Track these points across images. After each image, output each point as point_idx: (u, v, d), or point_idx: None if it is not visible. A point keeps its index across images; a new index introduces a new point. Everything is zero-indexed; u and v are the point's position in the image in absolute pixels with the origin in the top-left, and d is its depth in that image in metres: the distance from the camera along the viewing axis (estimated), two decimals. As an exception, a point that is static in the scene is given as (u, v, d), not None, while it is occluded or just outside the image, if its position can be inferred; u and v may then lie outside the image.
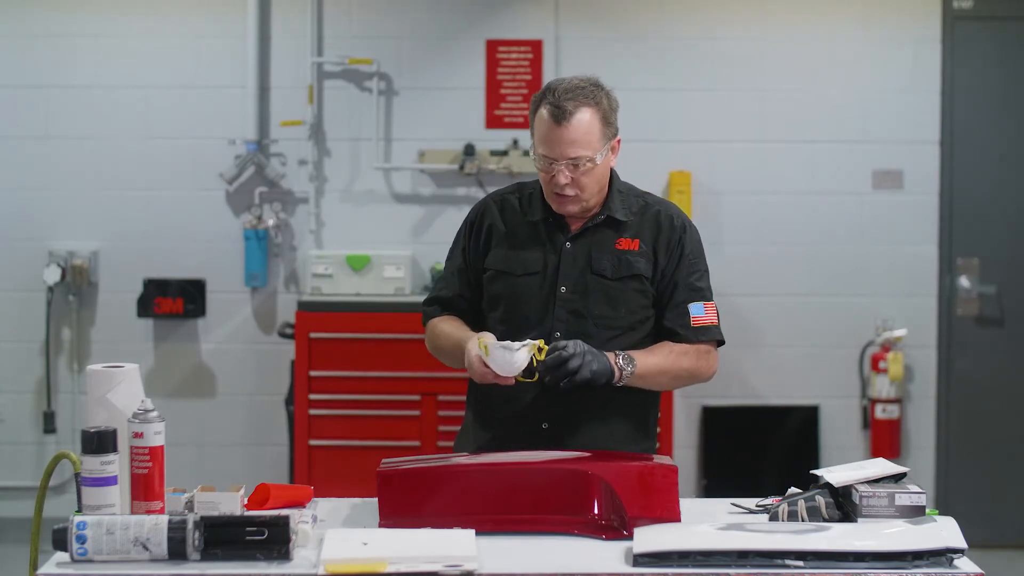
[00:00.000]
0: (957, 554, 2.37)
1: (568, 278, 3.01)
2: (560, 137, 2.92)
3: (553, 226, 3.06)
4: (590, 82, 3.00)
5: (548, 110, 2.93)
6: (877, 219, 6.02)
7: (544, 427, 2.99)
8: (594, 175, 2.97)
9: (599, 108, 2.96)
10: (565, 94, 2.93)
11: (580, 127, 2.92)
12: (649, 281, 3.03)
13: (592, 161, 2.94)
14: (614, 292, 3.00)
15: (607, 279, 3.01)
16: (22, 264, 5.95)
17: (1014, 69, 6.04)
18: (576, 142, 2.92)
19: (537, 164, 2.99)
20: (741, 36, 6.00)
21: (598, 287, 3.00)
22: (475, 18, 5.99)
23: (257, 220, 5.91)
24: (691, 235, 3.11)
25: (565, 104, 2.92)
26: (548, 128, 2.93)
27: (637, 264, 3.02)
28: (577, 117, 2.92)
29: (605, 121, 2.97)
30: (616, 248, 3.03)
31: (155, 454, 2.49)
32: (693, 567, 2.35)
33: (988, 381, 6.07)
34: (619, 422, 3.03)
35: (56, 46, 5.93)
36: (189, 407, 5.96)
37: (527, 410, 2.98)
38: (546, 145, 2.94)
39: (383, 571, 2.29)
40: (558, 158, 2.93)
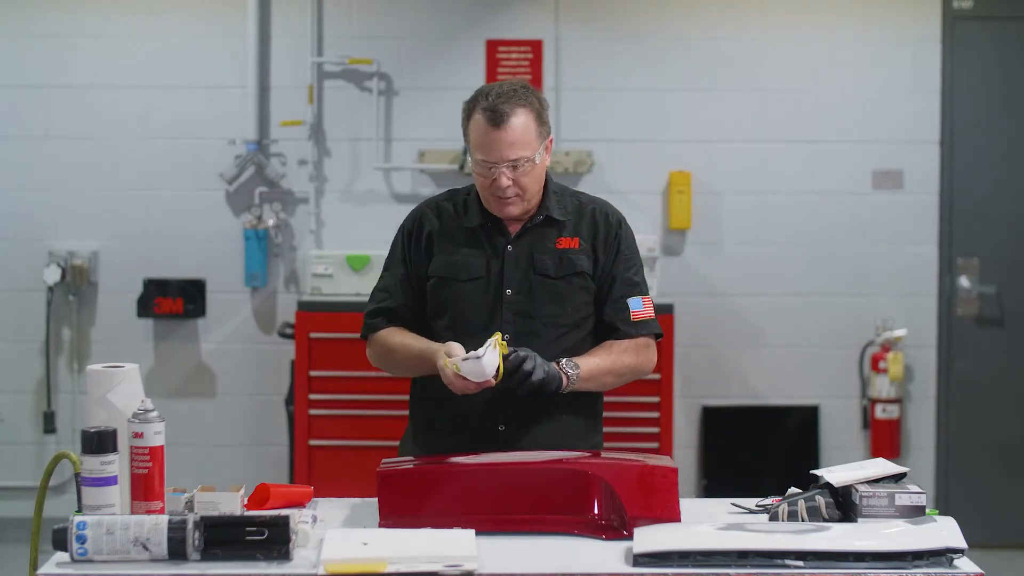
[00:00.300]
0: (957, 554, 2.37)
1: (512, 280, 3.05)
2: (499, 140, 2.96)
3: (492, 230, 3.09)
4: (520, 84, 3.04)
5: (484, 115, 2.97)
6: (877, 219, 6.02)
7: (501, 429, 3.01)
8: (534, 175, 3.02)
9: (533, 109, 3.01)
10: (499, 98, 2.97)
11: (518, 129, 2.96)
12: (591, 277, 3.09)
13: (531, 161, 2.99)
14: (559, 290, 3.05)
15: (551, 278, 3.06)
16: (22, 264, 5.95)
17: (1014, 69, 6.04)
18: (515, 144, 2.96)
19: (475, 170, 3.03)
20: (741, 36, 6.00)
21: (543, 287, 3.05)
22: (475, 18, 5.99)
23: (257, 220, 5.91)
24: (626, 231, 3.17)
25: (501, 107, 2.96)
26: (485, 132, 2.97)
27: (579, 261, 3.07)
28: (514, 119, 2.96)
29: (539, 120, 3.02)
30: (556, 248, 3.08)
31: (155, 454, 2.49)
32: (693, 567, 2.35)
33: (988, 381, 6.07)
34: (571, 419, 3.08)
35: (56, 46, 5.93)
36: (189, 407, 5.96)
37: (483, 412, 3.00)
38: (485, 150, 2.98)
39: (383, 571, 2.29)
40: (498, 161, 2.97)
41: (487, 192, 3.03)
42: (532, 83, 5.97)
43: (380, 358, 3.16)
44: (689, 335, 5.88)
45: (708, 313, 6.00)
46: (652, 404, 5.49)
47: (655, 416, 5.49)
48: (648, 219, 5.98)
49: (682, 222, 5.93)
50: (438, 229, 3.11)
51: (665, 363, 5.50)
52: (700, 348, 5.99)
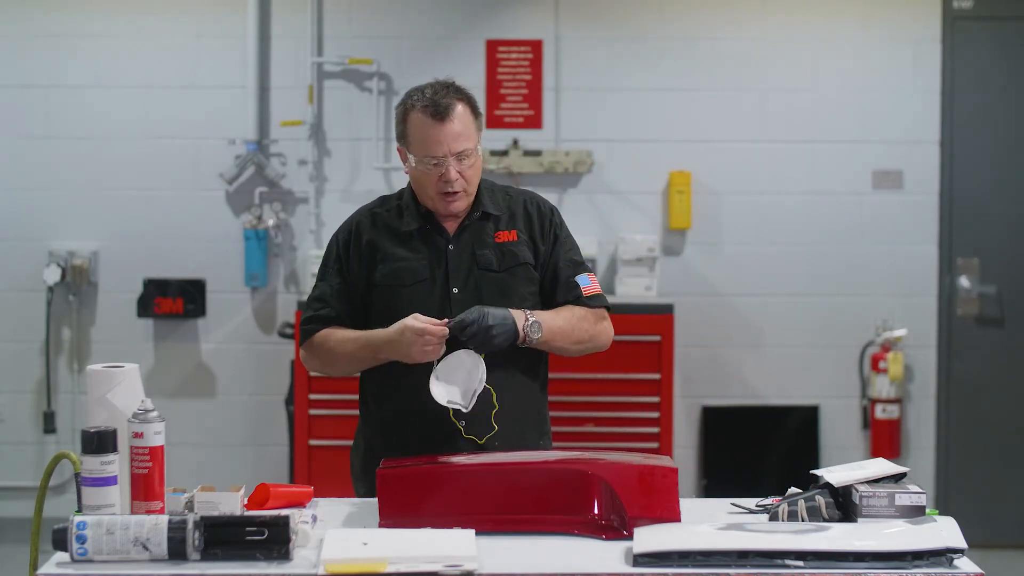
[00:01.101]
0: (957, 554, 2.37)
1: (458, 278, 3.07)
2: (445, 133, 2.99)
3: (431, 232, 3.10)
4: (449, 81, 3.09)
5: (426, 111, 3.00)
6: (877, 219, 6.02)
7: (462, 424, 3.01)
8: (476, 168, 3.06)
9: (468, 101, 3.06)
10: (436, 94, 3.02)
11: (460, 120, 3.01)
12: (533, 268, 3.12)
13: (475, 153, 3.04)
14: (504, 283, 3.07)
15: (495, 272, 3.08)
16: (22, 264, 5.95)
17: (1014, 69, 6.04)
18: (460, 135, 3.00)
19: (418, 169, 3.03)
20: (741, 36, 6.00)
21: (488, 281, 3.07)
22: (475, 18, 6.00)
23: (257, 220, 5.91)
24: (558, 216, 3.21)
25: (441, 100, 3.00)
26: (430, 128, 3.00)
27: (521, 253, 3.10)
28: (456, 110, 3.00)
29: (475, 113, 3.07)
30: (496, 242, 3.10)
31: (155, 454, 2.49)
32: (693, 567, 2.35)
33: (988, 381, 6.07)
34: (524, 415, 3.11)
35: (56, 46, 5.93)
36: (189, 407, 5.96)
37: (441, 411, 2.98)
38: (431, 145, 3.00)
39: (383, 571, 2.28)
40: (446, 154, 2.99)
41: (433, 190, 3.04)
42: (532, 83, 6.03)
43: (318, 357, 3.12)
44: (689, 335, 5.88)
45: (708, 313, 6.00)
46: (652, 404, 5.50)
47: (655, 416, 5.50)
48: (648, 219, 5.98)
49: (682, 222, 5.93)
50: (376, 237, 3.11)
51: (665, 363, 5.51)
52: (700, 348, 5.99)
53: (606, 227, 5.98)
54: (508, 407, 3.05)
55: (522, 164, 5.85)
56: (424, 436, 3.00)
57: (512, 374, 3.06)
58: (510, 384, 3.05)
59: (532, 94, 5.94)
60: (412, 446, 2.97)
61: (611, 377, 5.46)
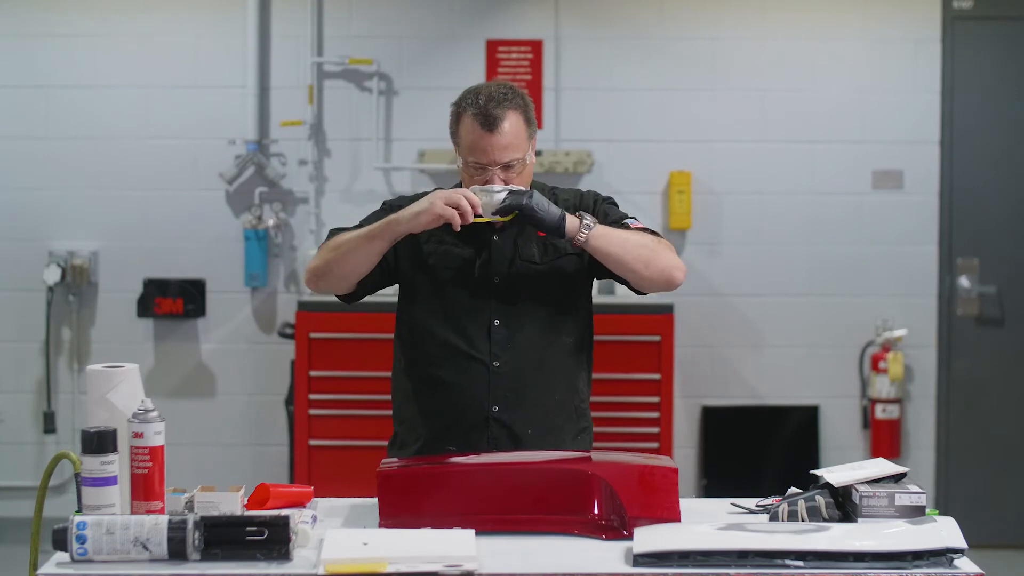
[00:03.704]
0: (957, 554, 2.37)
1: (499, 269, 3.08)
2: (492, 143, 3.00)
3: (478, 225, 3.08)
4: (507, 86, 3.08)
5: (476, 119, 3.00)
6: (877, 219, 6.02)
7: (495, 410, 3.04)
8: (524, 175, 3.07)
9: (521, 110, 3.05)
10: (490, 102, 3.01)
11: (510, 132, 3.01)
12: (579, 256, 3.09)
13: (523, 162, 3.04)
14: (544, 276, 3.08)
15: (536, 264, 3.09)
16: (22, 264, 5.95)
17: (1014, 69, 6.04)
18: (508, 146, 3.01)
19: (466, 171, 3.05)
20: (741, 36, 6.00)
21: (529, 273, 3.08)
22: (475, 18, 6.00)
23: (257, 220, 5.91)
24: (604, 199, 3.20)
25: (493, 111, 3.00)
26: (479, 136, 3.00)
27: (562, 245, 3.09)
28: (506, 123, 3.00)
29: (527, 121, 3.07)
30: (539, 236, 3.10)
31: (155, 454, 2.49)
32: (693, 567, 2.35)
33: (988, 381, 6.07)
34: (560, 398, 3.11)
35: (56, 46, 5.93)
36: (189, 407, 5.96)
37: (473, 398, 3.03)
38: (478, 153, 3.01)
39: (383, 571, 2.28)
40: (491, 164, 3.00)
41: None
42: (532, 83, 6.03)
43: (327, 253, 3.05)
44: (689, 335, 5.89)
45: (708, 313, 6.00)
46: (652, 404, 5.50)
47: (655, 416, 5.49)
48: (648, 219, 5.98)
49: (682, 222, 5.93)
50: None
51: (665, 363, 5.51)
52: (700, 348, 5.99)
53: (606, 227, 5.97)
54: (543, 396, 3.07)
55: (522, 164, 5.85)
56: (455, 421, 3.04)
57: (552, 361, 3.08)
58: (549, 371, 3.07)
59: (532, 94, 5.88)
60: (443, 429, 3.03)
61: (611, 377, 5.45)
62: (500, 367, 3.04)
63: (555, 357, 3.10)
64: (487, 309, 3.07)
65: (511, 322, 3.05)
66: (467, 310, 3.07)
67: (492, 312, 3.06)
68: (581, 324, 3.16)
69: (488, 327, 3.05)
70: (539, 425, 3.05)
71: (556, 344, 3.08)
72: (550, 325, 3.09)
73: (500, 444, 3.01)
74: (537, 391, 3.07)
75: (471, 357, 3.05)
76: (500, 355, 3.05)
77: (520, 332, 3.05)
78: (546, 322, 3.09)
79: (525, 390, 3.05)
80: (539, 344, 3.06)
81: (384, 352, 5.46)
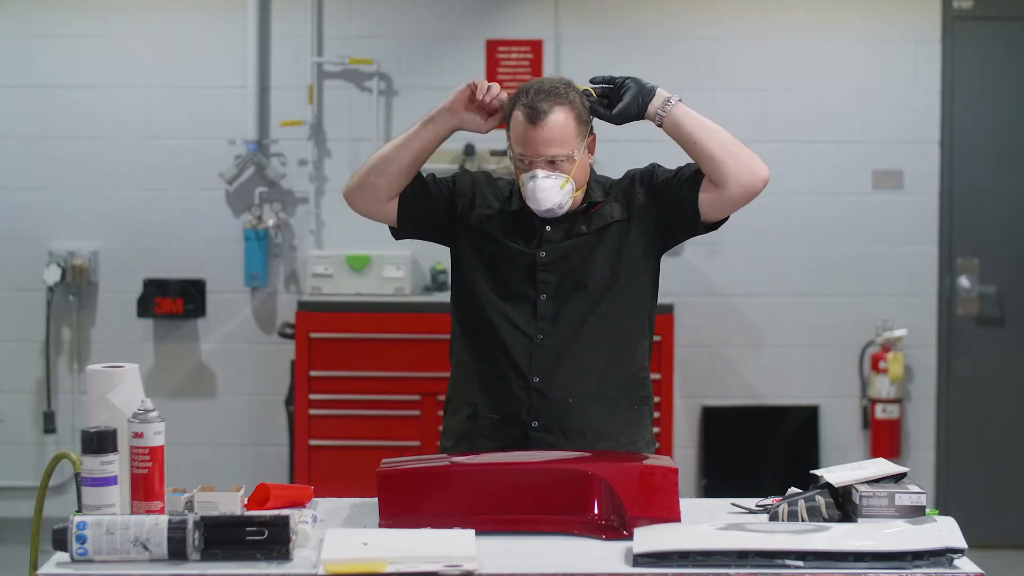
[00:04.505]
0: (957, 554, 2.37)
1: (549, 245, 3.09)
2: (536, 137, 2.99)
3: (531, 214, 3.10)
4: (563, 82, 3.08)
5: (523, 111, 3.01)
6: (877, 219, 6.02)
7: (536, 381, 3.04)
8: (578, 174, 3.05)
9: (573, 107, 3.04)
10: (538, 95, 3.01)
11: (555, 127, 3.00)
12: (628, 222, 3.10)
13: (569, 159, 3.02)
14: (591, 242, 3.08)
15: (585, 235, 3.09)
16: (22, 264, 5.95)
17: (1014, 69, 6.04)
18: (552, 141, 3.00)
19: (515, 163, 3.07)
20: (741, 36, 6.00)
21: (578, 244, 3.08)
22: (475, 18, 6.00)
23: (257, 220, 5.91)
24: (655, 166, 3.21)
25: (539, 105, 2.99)
26: (524, 129, 3.00)
27: (608, 212, 3.10)
28: (552, 117, 3.00)
29: (579, 119, 3.05)
30: (590, 212, 3.11)
31: (155, 454, 2.49)
32: (693, 567, 2.35)
33: (988, 381, 6.07)
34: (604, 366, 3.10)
35: (56, 46, 5.93)
36: (189, 407, 5.96)
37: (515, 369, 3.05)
38: (523, 145, 3.02)
39: (383, 571, 2.28)
40: (535, 157, 3.00)
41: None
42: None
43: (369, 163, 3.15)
44: (689, 335, 5.88)
45: (708, 313, 6.00)
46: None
47: (655, 416, 5.48)
48: (648, 219, 5.98)
49: (682, 222, 5.93)
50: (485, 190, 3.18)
51: (665, 363, 5.51)
52: (700, 348, 5.99)
53: (606, 227, 5.98)
54: (586, 366, 3.05)
55: (522, 164, 5.85)
56: (497, 390, 3.05)
57: (599, 332, 3.07)
58: (595, 342, 3.06)
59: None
60: (485, 398, 3.06)
61: (611, 377, 5.45)
62: (543, 339, 3.04)
63: (603, 325, 3.07)
64: (533, 283, 3.07)
65: (557, 296, 3.05)
66: (513, 283, 3.08)
67: (538, 287, 3.07)
68: (636, 292, 3.13)
69: (535, 302, 3.06)
70: (583, 392, 3.04)
71: (605, 312, 3.06)
72: (599, 295, 3.07)
73: (541, 416, 3.01)
74: (580, 360, 3.05)
75: (516, 329, 3.05)
76: (544, 328, 3.04)
77: (566, 305, 3.05)
78: (595, 292, 3.07)
79: (566, 360, 3.04)
80: (586, 314, 3.05)
81: (384, 352, 5.49)
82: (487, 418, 3.06)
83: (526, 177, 3.02)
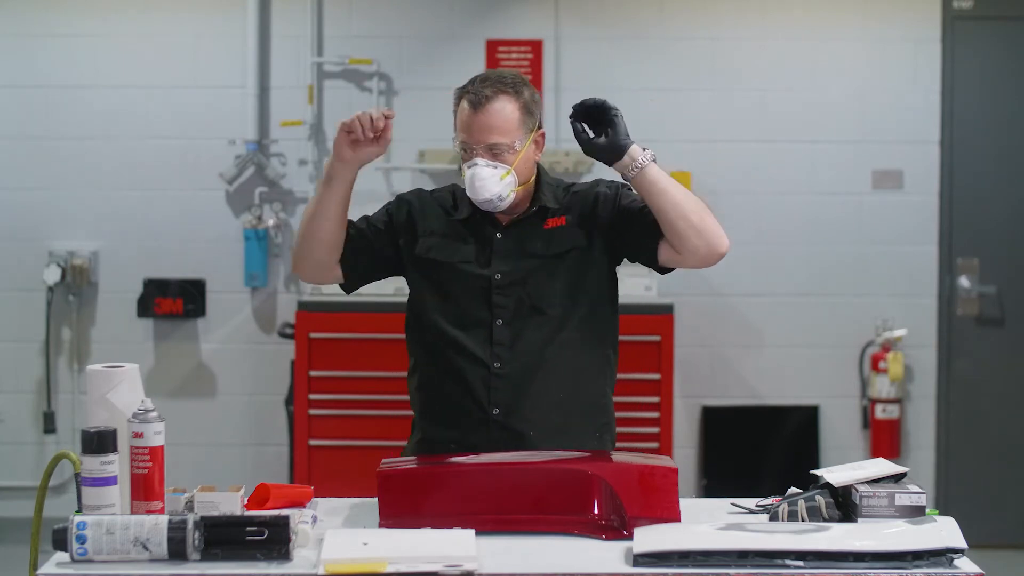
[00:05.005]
0: (957, 554, 2.37)
1: (502, 263, 3.03)
2: (478, 123, 2.96)
3: (481, 222, 3.06)
4: (513, 74, 3.05)
5: (468, 99, 2.99)
6: (877, 219, 6.02)
7: (495, 413, 3.00)
8: (520, 168, 2.99)
9: (519, 98, 2.99)
10: (484, 83, 2.99)
11: (498, 114, 2.96)
12: (587, 250, 3.04)
13: (511, 150, 2.97)
14: (549, 267, 3.02)
15: (540, 257, 3.03)
16: (22, 264, 5.95)
17: (1014, 69, 6.04)
18: (493, 128, 2.96)
19: (459, 153, 3.03)
20: (741, 36, 6.00)
21: (533, 266, 3.02)
22: (475, 18, 6.00)
23: (257, 220, 5.91)
24: (618, 186, 3.13)
25: (483, 91, 2.97)
26: (467, 115, 2.98)
27: (570, 238, 3.04)
28: (495, 104, 2.96)
29: (526, 111, 3.00)
30: (545, 229, 3.05)
31: (155, 454, 2.49)
32: (693, 567, 2.35)
33: (988, 381, 6.07)
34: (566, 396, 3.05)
35: (56, 46, 5.93)
36: (189, 407, 5.96)
37: (473, 400, 3.00)
38: (465, 131, 2.99)
39: (383, 571, 2.28)
40: (475, 144, 2.97)
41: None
42: (532, 83, 5.99)
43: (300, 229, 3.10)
44: (689, 335, 5.88)
45: (708, 313, 6.00)
46: (652, 404, 5.49)
47: (655, 416, 5.49)
48: (648, 219, 5.98)
49: (682, 222, 5.92)
50: (424, 214, 3.12)
51: (665, 363, 5.51)
52: (700, 348, 5.99)
53: (606, 227, 5.98)
54: (547, 396, 3.01)
55: (522, 164, 5.85)
56: (455, 422, 3.01)
57: (560, 360, 3.02)
58: (555, 370, 3.01)
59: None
60: (444, 430, 3.01)
61: (611, 377, 5.45)
62: (500, 368, 2.99)
63: (563, 355, 3.02)
64: (489, 308, 3.02)
65: (514, 321, 3.00)
66: (468, 308, 3.02)
67: (494, 311, 3.01)
68: (597, 317, 3.07)
69: (490, 327, 3.01)
70: (543, 426, 2.99)
71: (564, 341, 3.01)
72: (558, 322, 3.01)
73: (501, 447, 2.94)
74: (540, 391, 3.01)
75: (472, 358, 3.00)
76: (501, 356, 3.00)
77: (523, 332, 2.99)
78: (553, 319, 3.01)
79: (526, 392, 3.00)
80: (544, 343, 2.99)
81: (384, 352, 5.49)
82: (447, 448, 2.99)
83: (467, 166, 2.97)
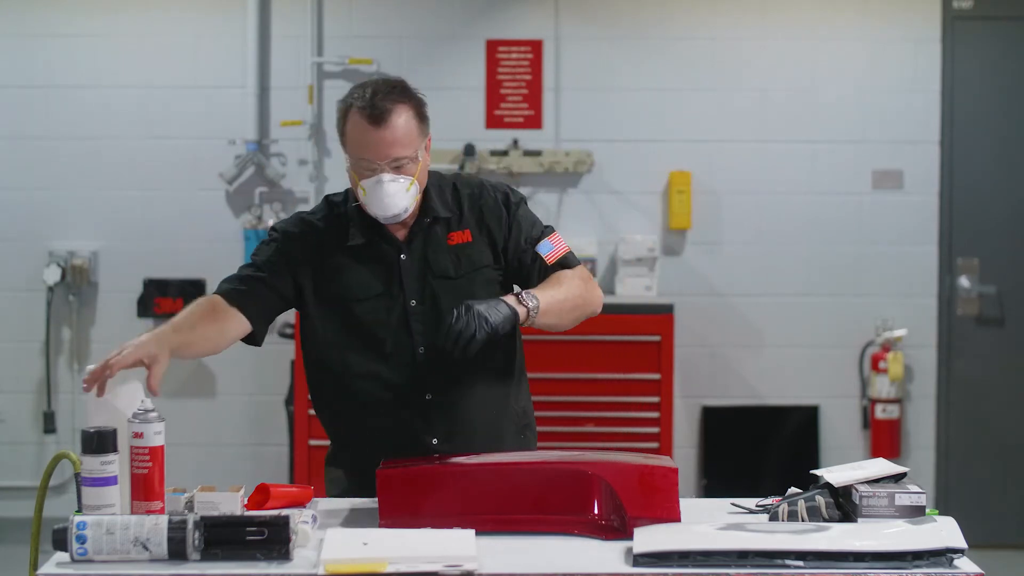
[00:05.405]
0: (957, 554, 2.37)
1: (413, 290, 2.92)
2: (380, 139, 2.83)
3: (379, 243, 2.95)
4: (398, 82, 2.94)
5: (363, 113, 2.84)
6: (877, 219, 6.02)
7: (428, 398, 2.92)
8: (421, 176, 2.93)
9: (413, 106, 2.91)
10: (376, 95, 2.85)
11: (399, 127, 2.85)
12: (494, 267, 2.99)
13: (413, 160, 2.89)
14: (462, 290, 2.91)
15: (451, 279, 2.94)
16: (22, 264, 5.95)
17: (1014, 69, 6.05)
18: (396, 142, 2.85)
19: (354, 171, 2.88)
20: (741, 35, 6.00)
21: (445, 290, 2.93)
22: (475, 18, 6.00)
23: (257, 220, 5.91)
24: (513, 198, 3.04)
25: (381, 104, 2.83)
26: (364, 131, 2.84)
27: (478, 256, 2.97)
28: (396, 118, 2.84)
29: (420, 118, 2.93)
30: (451, 245, 2.97)
31: (155, 454, 2.49)
32: (693, 567, 2.34)
33: (988, 381, 6.07)
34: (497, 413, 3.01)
35: (56, 46, 5.93)
36: (189, 407, 5.96)
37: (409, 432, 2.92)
38: (364, 149, 2.84)
39: (383, 571, 2.28)
40: (380, 160, 2.85)
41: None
42: (532, 83, 6.02)
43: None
44: (689, 335, 5.88)
45: (708, 313, 6.00)
46: (652, 404, 5.49)
47: (655, 416, 5.49)
48: (648, 219, 5.98)
49: (682, 222, 5.93)
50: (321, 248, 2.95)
51: (665, 363, 5.51)
52: (700, 348, 5.99)
53: (606, 227, 5.99)
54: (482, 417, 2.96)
55: (522, 164, 5.85)
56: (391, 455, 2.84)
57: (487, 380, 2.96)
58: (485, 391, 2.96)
59: (532, 94, 5.94)
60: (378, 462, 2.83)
61: (611, 377, 5.46)
62: (434, 398, 2.91)
63: (487, 378, 2.96)
64: (407, 337, 2.91)
65: (434, 346, 2.86)
66: (385, 340, 2.91)
67: (414, 338, 2.91)
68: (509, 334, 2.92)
69: (413, 354, 2.90)
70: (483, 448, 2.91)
71: (488, 360, 2.90)
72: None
73: None
74: (476, 415, 2.95)
75: (397, 390, 2.90)
76: (432, 384, 2.90)
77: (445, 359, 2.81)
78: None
79: (464, 417, 2.93)
80: (471, 365, 2.86)
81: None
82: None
83: (370, 183, 2.84)
